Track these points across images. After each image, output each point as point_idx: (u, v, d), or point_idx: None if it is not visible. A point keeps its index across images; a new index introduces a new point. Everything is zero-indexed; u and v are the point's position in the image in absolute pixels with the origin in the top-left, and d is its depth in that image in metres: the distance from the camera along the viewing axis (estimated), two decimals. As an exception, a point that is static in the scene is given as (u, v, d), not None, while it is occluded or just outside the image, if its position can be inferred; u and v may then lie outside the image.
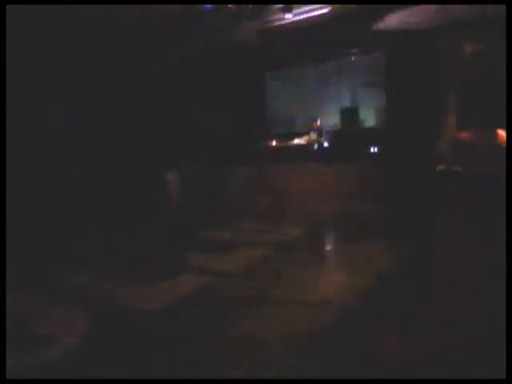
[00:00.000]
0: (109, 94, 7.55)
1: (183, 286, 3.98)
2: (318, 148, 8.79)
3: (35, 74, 6.67)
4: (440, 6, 6.18)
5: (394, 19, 6.94)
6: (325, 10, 7.26)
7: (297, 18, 7.54)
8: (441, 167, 7.68)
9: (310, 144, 8.87)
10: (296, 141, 9.16)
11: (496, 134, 7.08)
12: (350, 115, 8.84)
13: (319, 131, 8.93)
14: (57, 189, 6.31)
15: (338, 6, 6.88)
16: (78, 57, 6.87)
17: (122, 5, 5.18)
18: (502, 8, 4.28)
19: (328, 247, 5.91)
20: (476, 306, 2.59)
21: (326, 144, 8.85)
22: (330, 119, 9.15)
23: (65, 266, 4.65)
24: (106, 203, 6.73)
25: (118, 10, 6.30)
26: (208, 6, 6.73)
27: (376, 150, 8.34)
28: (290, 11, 7.30)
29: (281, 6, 7.19)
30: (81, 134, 7.09)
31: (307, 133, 9.02)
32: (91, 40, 6.75)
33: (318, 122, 9.10)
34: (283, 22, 7.68)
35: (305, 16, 7.54)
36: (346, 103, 9.00)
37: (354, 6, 6.86)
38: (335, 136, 8.86)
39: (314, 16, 7.47)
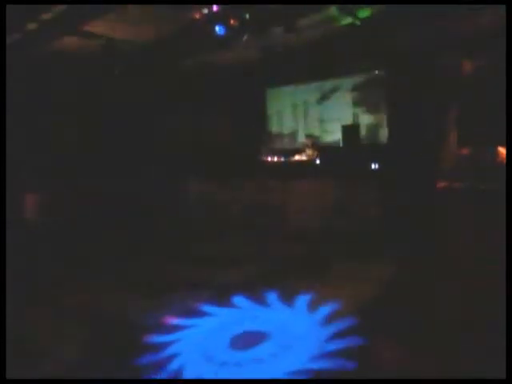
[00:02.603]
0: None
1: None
2: (319, 164, 8.78)
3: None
4: (440, 23, 6.26)
5: (393, 37, 7.05)
6: (325, 28, 7.36)
7: (297, 35, 7.63)
8: (442, 184, 7.66)
9: (310, 160, 8.88)
10: (297, 157, 9.18)
11: (497, 151, 7.08)
12: (351, 132, 8.88)
13: (319, 147, 8.95)
14: None
15: (338, 23, 6.98)
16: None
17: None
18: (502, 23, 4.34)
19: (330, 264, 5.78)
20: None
21: (327, 160, 8.85)
22: (332, 136, 9.20)
23: None
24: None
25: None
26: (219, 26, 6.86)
27: (377, 166, 8.33)
28: (291, 29, 7.41)
29: (282, 23, 7.30)
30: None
31: (308, 149, 9.04)
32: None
33: (318, 139, 9.15)
34: (284, 40, 7.78)
35: (306, 34, 7.63)
36: (348, 120, 9.06)
37: (354, 23, 6.95)
38: (337, 152, 8.88)
39: (315, 33, 7.57)
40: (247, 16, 7.00)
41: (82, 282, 4.32)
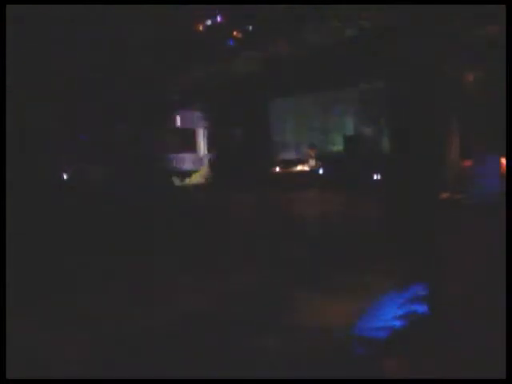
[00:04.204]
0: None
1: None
2: (322, 174, 8.82)
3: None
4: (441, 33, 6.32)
5: (395, 46, 7.11)
6: (326, 39, 7.45)
7: (299, 47, 7.73)
8: (444, 195, 7.64)
9: (312, 170, 8.93)
10: (299, 167, 9.25)
11: (500, 163, 7.07)
12: (353, 143, 8.94)
13: (320, 158, 9.01)
14: None
15: (340, 34, 7.05)
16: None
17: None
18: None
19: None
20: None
21: (329, 171, 8.89)
22: (334, 146, 9.25)
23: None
24: None
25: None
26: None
27: (379, 177, 8.35)
28: (294, 40, 7.51)
29: (284, 35, 7.42)
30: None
31: (311, 159, 9.10)
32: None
33: (321, 149, 9.21)
34: (285, 51, 7.87)
35: (307, 46, 7.73)
36: (350, 131, 9.13)
37: (355, 34, 7.02)
38: (339, 163, 8.92)
39: (316, 45, 7.65)
40: (250, 28, 7.13)
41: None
